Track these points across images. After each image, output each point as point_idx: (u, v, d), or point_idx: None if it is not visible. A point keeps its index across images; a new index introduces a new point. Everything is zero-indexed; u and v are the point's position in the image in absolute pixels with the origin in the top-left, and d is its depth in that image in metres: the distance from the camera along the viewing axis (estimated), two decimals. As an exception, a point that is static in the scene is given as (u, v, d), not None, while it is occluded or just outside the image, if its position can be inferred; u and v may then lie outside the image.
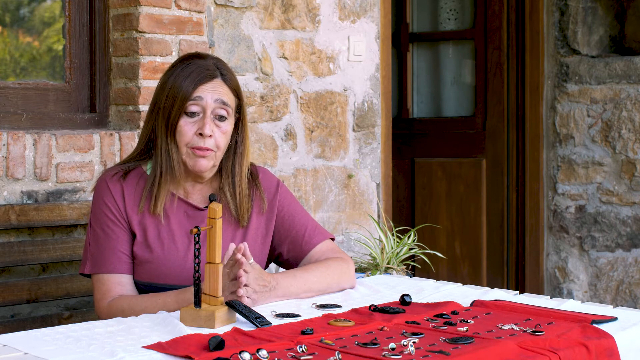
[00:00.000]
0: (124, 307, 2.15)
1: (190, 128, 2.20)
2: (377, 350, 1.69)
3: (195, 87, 2.20)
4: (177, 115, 2.20)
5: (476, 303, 2.14)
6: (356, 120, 3.90)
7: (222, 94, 2.23)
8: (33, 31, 3.15)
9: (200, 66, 2.23)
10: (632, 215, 4.80)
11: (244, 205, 2.30)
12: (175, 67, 2.27)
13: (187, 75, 2.21)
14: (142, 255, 2.23)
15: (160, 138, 2.23)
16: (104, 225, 2.24)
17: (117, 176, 2.26)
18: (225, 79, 2.25)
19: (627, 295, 4.83)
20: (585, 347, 1.77)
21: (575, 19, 4.93)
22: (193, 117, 2.21)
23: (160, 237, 2.24)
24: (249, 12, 3.47)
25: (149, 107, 2.31)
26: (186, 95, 2.19)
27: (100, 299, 2.21)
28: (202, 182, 2.30)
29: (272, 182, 2.41)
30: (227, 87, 2.25)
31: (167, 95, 2.22)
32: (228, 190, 2.29)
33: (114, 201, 2.24)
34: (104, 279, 2.22)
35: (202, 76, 2.21)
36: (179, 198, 2.28)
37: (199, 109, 2.21)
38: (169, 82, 2.23)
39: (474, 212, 5.14)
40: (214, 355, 1.62)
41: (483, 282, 5.06)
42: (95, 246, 2.24)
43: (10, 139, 2.76)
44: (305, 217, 2.41)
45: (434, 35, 5.38)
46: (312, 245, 2.38)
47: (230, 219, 2.30)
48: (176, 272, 2.22)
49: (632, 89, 4.78)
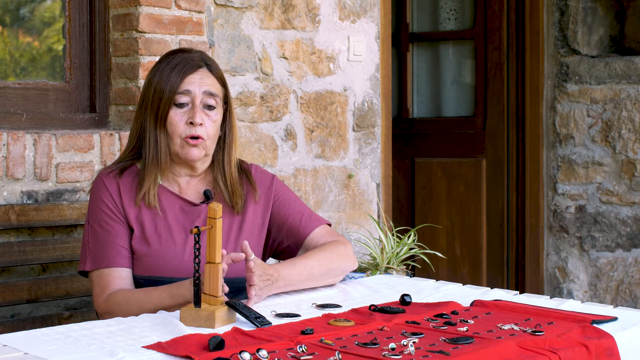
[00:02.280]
0: (121, 301, 2.16)
1: (180, 118, 2.25)
2: (377, 350, 1.69)
3: (183, 78, 2.25)
4: (167, 107, 2.24)
5: (476, 303, 2.14)
6: (356, 120, 3.90)
7: (209, 84, 2.28)
8: (33, 31, 3.15)
9: (185, 58, 2.28)
10: (632, 215, 4.80)
11: (237, 191, 2.34)
12: (160, 62, 2.31)
13: (173, 67, 2.26)
14: (140, 250, 2.25)
15: (149, 131, 2.27)
16: (101, 221, 2.26)
17: (113, 173, 2.30)
18: (210, 68, 2.31)
19: (627, 295, 4.83)
20: (585, 347, 1.77)
21: (575, 19, 4.93)
22: (182, 107, 2.26)
23: (157, 231, 2.26)
24: (249, 12, 3.47)
25: (137, 105, 2.34)
26: (174, 87, 2.24)
27: (99, 293, 2.22)
28: (196, 176, 2.33)
29: (267, 175, 2.45)
30: (213, 76, 2.31)
31: (154, 89, 2.26)
32: (221, 179, 2.34)
33: (111, 197, 2.26)
34: (104, 274, 2.23)
35: (188, 67, 2.26)
36: (174, 194, 2.31)
37: (187, 100, 2.25)
38: (155, 77, 2.28)
39: (474, 212, 5.14)
40: (214, 355, 1.62)
41: (483, 282, 5.06)
42: (94, 243, 2.25)
43: (10, 139, 2.76)
44: (301, 205, 2.45)
45: (434, 35, 5.38)
46: (309, 230, 2.40)
47: (225, 208, 2.33)
48: (174, 264, 2.23)
49: (632, 89, 4.78)
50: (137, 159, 2.33)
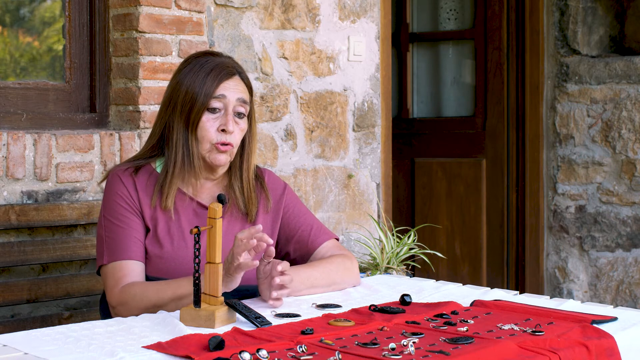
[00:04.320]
0: (137, 291, 2.14)
1: (212, 124, 2.24)
2: (377, 350, 1.69)
3: (219, 84, 2.24)
4: (200, 112, 2.23)
5: (476, 303, 2.14)
6: (356, 120, 3.90)
7: (242, 91, 2.28)
8: (33, 31, 3.15)
9: (220, 63, 2.27)
10: (632, 215, 4.80)
11: (253, 200, 2.34)
12: (189, 63, 2.29)
13: (208, 72, 2.25)
14: (152, 250, 2.24)
15: (178, 133, 2.26)
16: (119, 215, 2.25)
17: (129, 171, 2.29)
18: (242, 77, 2.31)
19: (627, 295, 4.83)
20: (585, 347, 1.77)
21: (575, 19, 4.93)
22: (214, 113, 2.25)
23: (170, 233, 2.26)
24: (249, 12, 3.47)
25: (161, 103, 2.32)
26: (210, 92, 2.23)
27: (113, 285, 2.20)
28: (213, 179, 2.33)
29: (279, 184, 2.45)
30: (244, 85, 2.31)
31: (186, 91, 2.25)
32: (237, 186, 2.34)
33: (128, 192, 2.26)
34: (120, 266, 2.21)
35: (224, 73, 2.26)
36: (188, 196, 2.30)
37: (221, 105, 2.25)
38: (186, 79, 2.26)
39: (474, 212, 5.14)
40: (214, 355, 1.62)
41: (483, 282, 5.06)
42: (111, 236, 2.24)
43: (10, 139, 2.76)
44: (311, 217, 2.46)
45: (434, 35, 5.38)
46: (317, 244, 2.41)
47: (239, 214, 2.33)
48: (185, 268, 2.22)
49: (632, 89, 4.78)
50: (152, 158, 2.32)
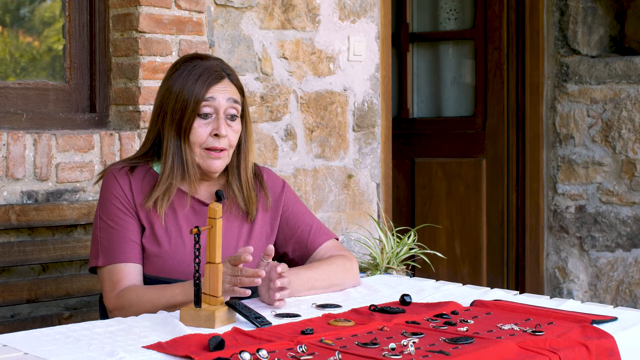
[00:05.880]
0: (133, 297, 2.14)
1: (204, 130, 2.23)
2: (377, 350, 1.69)
3: (207, 89, 2.23)
4: (191, 118, 2.22)
5: (476, 303, 2.14)
6: (356, 120, 3.90)
7: (232, 93, 2.27)
8: (33, 31, 3.15)
9: (207, 67, 2.26)
10: (632, 215, 4.80)
11: (252, 198, 2.34)
12: (177, 69, 2.28)
13: (197, 78, 2.23)
14: (150, 249, 2.24)
15: (170, 141, 2.25)
16: (114, 216, 2.24)
17: (124, 170, 2.28)
18: (232, 79, 2.29)
19: (627, 295, 4.83)
20: (585, 347, 1.77)
21: (575, 19, 4.93)
22: (206, 118, 2.24)
23: (167, 232, 2.25)
24: (249, 12, 3.47)
25: (153, 111, 2.31)
26: (199, 97, 2.22)
27: (110, 289, 2.19)
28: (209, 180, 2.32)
29: (278, 182, 2.44)
30: (234, 86, 2.29)
31: (175, 98, 2.23)
32: (236, 185, 2.33)
33: (123, 193, 2.25)
34: (116, 269, 2.20)
35: (212, 77, 2.24)
36: (185, 192, 2.29)
37: (211, 110, 2.23)
38: (175, 85, 2.25)
39: (474, 212, 5.14)
40: (214, 355, 1.62)
41: (483, 282, 5.06)
42: (106, 238, 2.23)
43: (10, 139, 2.76)
44: (310, 217, 2.45)
45: (434, 35, 5.38)
46: (317, 244, 2.40)
47: (238, 213, 2.33)
48: (183, 266, 2.22)
49: (632, 89, 4.78)
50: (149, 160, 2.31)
